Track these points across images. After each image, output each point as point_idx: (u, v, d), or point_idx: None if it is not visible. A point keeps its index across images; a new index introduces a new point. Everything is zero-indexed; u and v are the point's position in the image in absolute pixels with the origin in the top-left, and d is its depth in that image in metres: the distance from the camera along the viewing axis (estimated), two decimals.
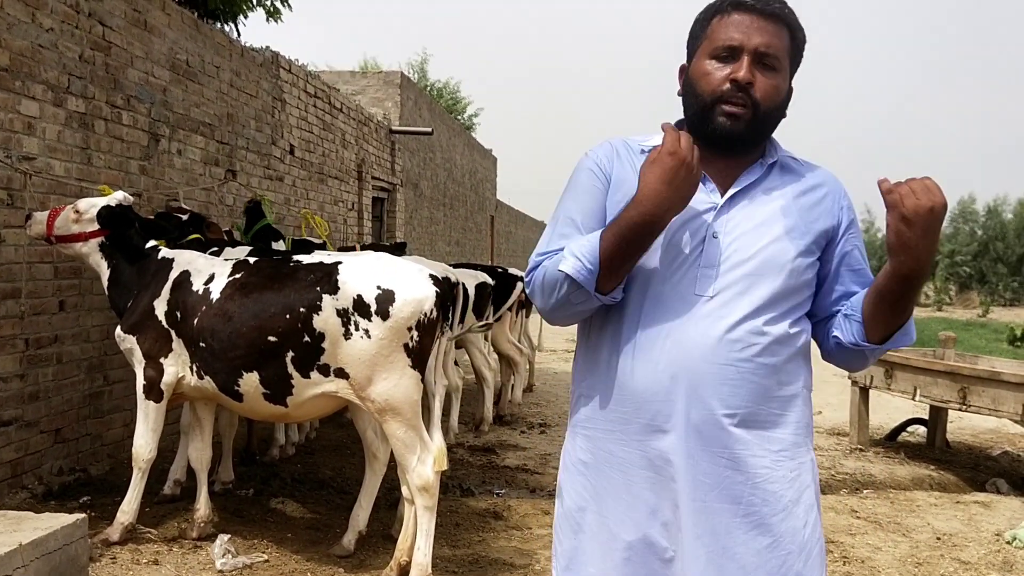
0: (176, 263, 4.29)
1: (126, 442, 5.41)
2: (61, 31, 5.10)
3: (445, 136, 17.33)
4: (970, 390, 6.38)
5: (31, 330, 4.92)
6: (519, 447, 7.13)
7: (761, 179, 1.82)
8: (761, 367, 1.73)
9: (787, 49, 1.79)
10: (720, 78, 1.75)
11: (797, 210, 1.80)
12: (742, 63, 1.73)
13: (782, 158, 1.86)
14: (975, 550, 4.73)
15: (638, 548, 1.77)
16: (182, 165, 6.56)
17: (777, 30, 1.77)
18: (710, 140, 1.78)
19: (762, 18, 1.76)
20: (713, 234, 1.76)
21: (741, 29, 1.75)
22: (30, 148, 4.86)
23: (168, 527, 4.41)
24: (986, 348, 16.60)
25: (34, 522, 3.65)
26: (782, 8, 1.78)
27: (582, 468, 1.86)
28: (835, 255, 1.85)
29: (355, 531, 4.26)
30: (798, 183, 1.84)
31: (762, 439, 1.73)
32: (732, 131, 1.75)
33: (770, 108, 1.77)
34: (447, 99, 28.57)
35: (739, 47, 1.74)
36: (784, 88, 1.80)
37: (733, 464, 1.71)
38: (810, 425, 1.83)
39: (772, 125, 1.82)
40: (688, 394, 1.71)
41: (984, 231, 47.01)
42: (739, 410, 1.71)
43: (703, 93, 1.77)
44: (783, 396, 1.76)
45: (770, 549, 1.71)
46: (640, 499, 1.77)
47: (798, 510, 1.74)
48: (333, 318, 3.79)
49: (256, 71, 7.95)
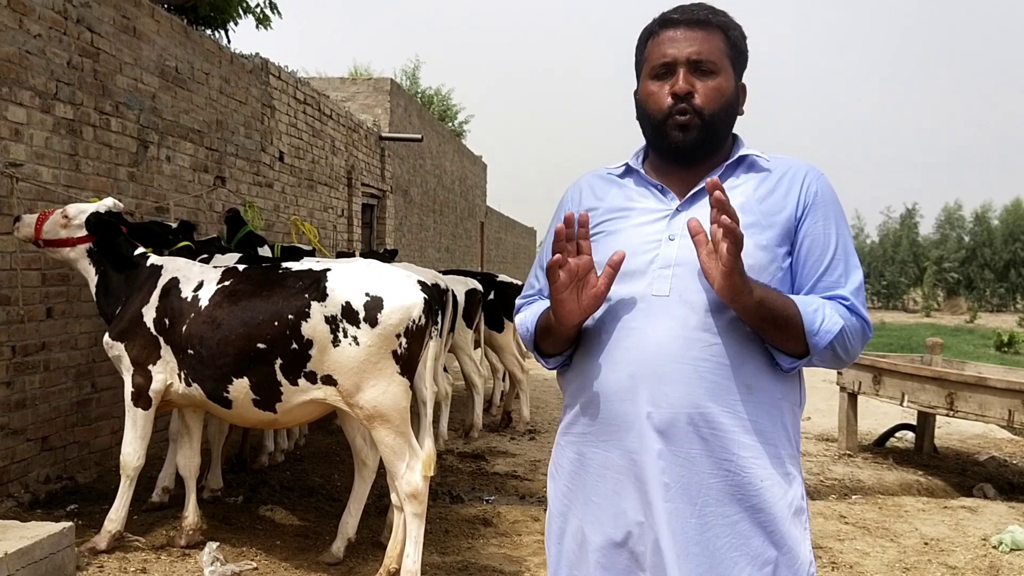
0: (165, 270, 4.28)
1: (114, 450, 5.39)
2: (49, 37, 5.09)
3: (435, 142, 17.34)
4: (957, 396, 6.41)
5: (18, 337, 4.89)
6: (509, 454, 7.13)
7: (721, 179, 1.83)
8: (720, 366, 1.73)
9: (723, 50, 1.83)
10: (663, 95, 1.82)
11: (757, 205, 1.81)
12: (679, 76, 1.80)
13: (748, 155, 1.88)
14: (962, 555, 4.75)
15: (611, 551, 1.80)
16: (171, 172, 6.54)
17: (707, 36, 1.82)
18: (669, 155, 1.86)
19: (690, 28, 1.82)
20: (669, 236, 1.80)
21: (672, 44, 1.82)
22: (17, 155, 4.85)
23: (156, 535, 4.39)
24: (973, 354, 16.69)
25: (20, 531, 3.63)
26: (708, 14, 1.83)
27: (563, 474, 1.91)
28: (801, 245, 1.82)
29: (344, 538, 4.25)
30: (761, 178, 1.85)
31: (725, 442, 1.72)
32: (685, 142, 1.81)
33: (716, 111, 1.81)
34: (438, 106, 28.59)
35: (672, 61, 1.81)
36: (728, 88, 1.83)
37: (691, 464, 1.72)
38: (790, 437, 1.80)
39: (725, 126, 1.86)
40: (647, 393, 1.74)
41: (972, 237, 47.32)
42: (697, 409, 1.71)
43: (652, 113, 1.84)
44: (753, 402, 1.74)
45: (727, 549, 1.72)
46: (612, 501, 1.80)
47: (761, 518, 1.73)
48: (321, 325, 3.79)
49: (245, 78, 7.94)
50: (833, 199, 1.85)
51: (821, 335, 1.72)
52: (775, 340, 1.75)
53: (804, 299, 1.75)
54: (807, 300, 1.75)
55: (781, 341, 1.74)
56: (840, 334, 1.73)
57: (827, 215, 1.82)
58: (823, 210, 1.82)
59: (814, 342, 1.73)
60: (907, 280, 46.55)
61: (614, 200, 1.91)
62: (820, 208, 1.82)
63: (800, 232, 1.81)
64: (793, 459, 1.79)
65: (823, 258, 1.80)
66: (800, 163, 1.89)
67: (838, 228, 1.83)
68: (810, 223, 1.81)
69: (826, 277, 1.80)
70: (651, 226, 1.83)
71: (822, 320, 1.72)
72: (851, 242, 1.86)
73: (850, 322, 1.76)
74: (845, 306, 1.77)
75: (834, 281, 1.80)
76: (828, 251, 1.81)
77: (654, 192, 1.88)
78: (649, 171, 1.91)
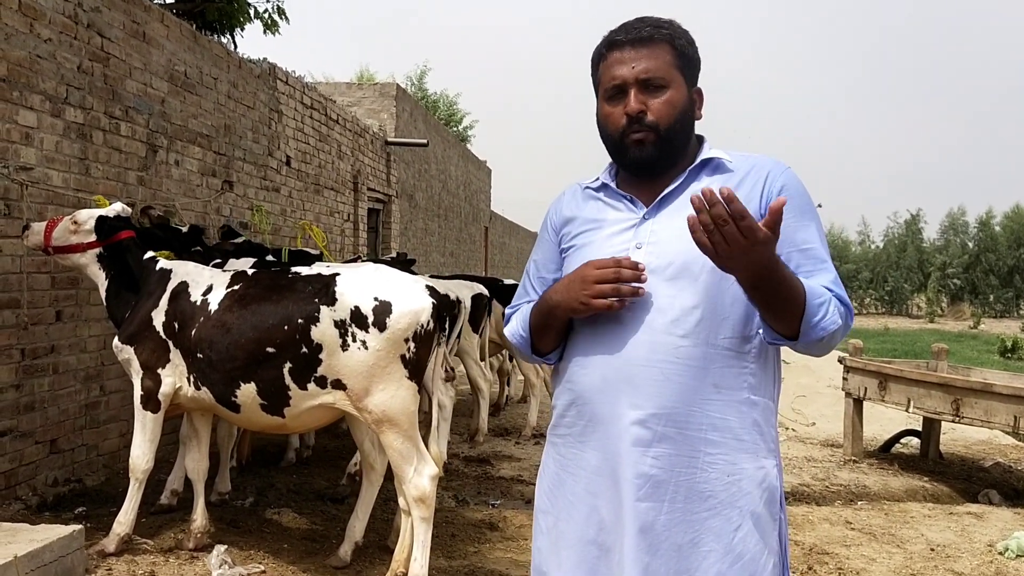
0: (174, 274, 4.30)
1: (122, 453, 5.41)
2: (59, 42, 5.12)
3: (440, 147, 17.38)
4: (963, 402, 6.41)
5: (27, 340, 4.92)
6: (514, 458, 7.14)
7: (685, 183, 1.88)
8: (688, 368, 1.78)
9: (671, 63, 1.86)
10: (618, 115, 1.88)
11: None
12: (630, 96, 1.85)
13: (713, 157, 1.90)
14: (968, 561, 4.75)
15: (583, 547, 1.87)
16: (179, 176, 6.57)
17: (652, 52, 1.86)
18: (631, 170, 1.93)
19: (635, 47, 1.87)
20: (636, 245, 1.86)
21: (620, 65, 1.87)
22: (28, 158, 4.88)
23: (165, 538, 4.41)
24: (977, 360, 16.67)
25: (29, 533, 3.65)
26: (652, 30, 1.87)
27: (547, 473, 2.01)
28: None
29: (351, 541, 4.26)
30: (725, 178, 1.87)
31: (693, 440, 1.77)
32: (644, 157, 1.87)
33: (670, 123, 1.85)
34: (443, 111, 28.64)
35: (622, 83, 1.86)
36: (679, 98, 1.86)
37: (661, 462, 1.78)
38: (763, 431, 1.82)
39: (682, 135, 1.89)
40: (619, 396, 1.82)
41: (975, 243, 47.24)
42: (665, 411, 1.77)
43: (610, 133, 1.91)
44: (720, 400, 1.79)
45: (693, 545, 1.77)
46: (586, 500, 1.88)
47: (730, 513, 1.78)
48: (330, 329, 3.80)
49: (253, 83, 7.98)
50: (799, 192, 1.86)
51: (817, 329, 1.72)
52: (770, 312, 1.74)
53: (813, 288, 1.74)
54: (816, 291, 1.74)
55: (775, 315, 1.73)
56: (835, 331, 1.75)
57: (793, 209, 1.79)
58: (793, 203, 1.79)
59: (808, 332, 1.72)
60: (911, 286, 46.50)
61: (589, 212, 1.98)
62: (790, 201, 1.76)
63: None
64: (768, 452, 1.83)
65: (794, 252, 1.81)
66: (765, 159, 1.91)
67: (807, 222, 1.84)
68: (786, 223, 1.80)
69: (803, 269, 1.80)
70: (620, 236, 1.90)
71: (824, 315, 1.72)
72: (821, 235, 1.87)
73: (845, 317, 1.76)
74: (834, 295, 1.77)
75: (812, 272, 1.80)
76: (797, 244, 1.82)
77: (624, 203, 1.94)
78: (621, 183, 1.97)
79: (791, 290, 1.70)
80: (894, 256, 47.28)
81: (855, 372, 7.58)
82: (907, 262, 46.49)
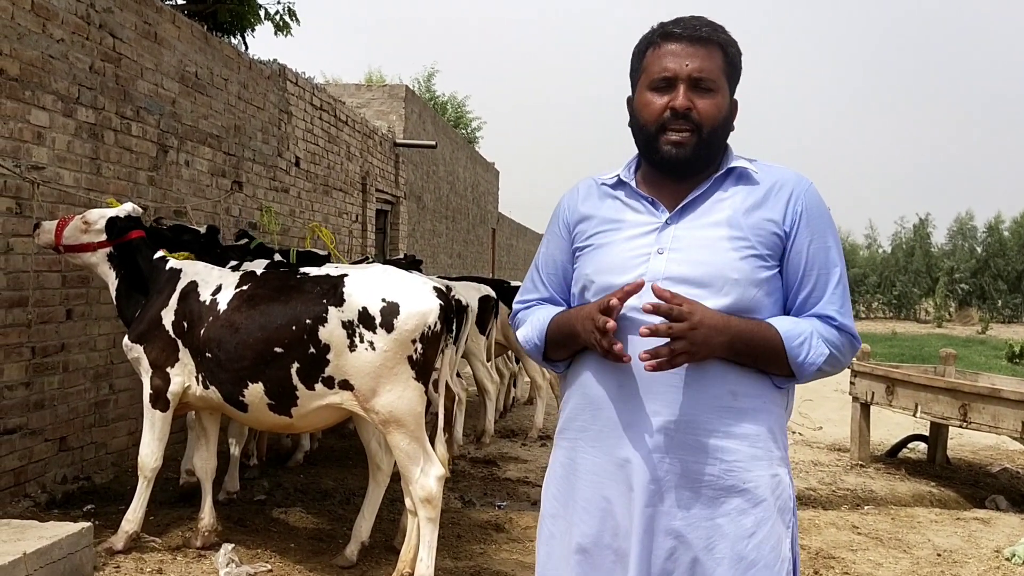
0: (184, 273, 4.32)
1: (131, 451, 5.44)
2: (71, 42, 5.15)
3: (448, 149, 17.41)
4: (971, 407, 6.40)
5: (38, 338, 4.95)
6: (520, 459, 7.14)
7: (709, 191, 1.87)
8: (705, 374, 1.77)
9: (721, 68, 1.85)
10: (659, 107, 1.83)
11: (744, 217, 1.83)
12: (678, 91, 1.82)
13: (738, 167, 1.89)
14: (975, 566, 4.74)
15: (597, 553, 1.85)
16: (190, 176, 6.61)
17: (708, 53, 1.83)
18: (660, 167, 1.89)
19: (691, 44, 1.83)
20: (658, 250, 1.83)
21: (673, 59, 1.83)
22: (39, 158, 4.91)
23: (172, 536, 4.43)
24: (985, 365, 16.61)
25: (38, 531, 3.67)
26: (711, 31, 1.85)
27: (555, 477, 1.99)
28: (789, 259, 1.84)
29: (358, 541, 4.27)
30: (749, 189, 1.86)
31: (709, 447, 1.77)
32: (678, 157, 1.83)
33: (713, 128, 1.83)
34: (452, 113, 28.68)
35: (673, 77, 1.82)
36: (724, 105, 1.85)
37: (676, 468, 1.78)
38: (777, 439, 1.84)
39: (718, 143, 1.87)
40: (635, 402, 1.81)
41: (984, 248, 47.05)
42: (683, 417, 1.77)
43: (647, 123, 1.86)
44: (737, 407, 1.79)
45: (707, 552, 1.77)
46: (599, 505, 1.86)
47: (744, 520, 1.77)
48: (338, 330, 3.82)
49: (263, 84, 8.01)
50: (821, 213, 1.86)
51: (807, 366, 1.79)
52: (760, 366, 1.81)
53: (791, 331, 1.79)
54: (793, 332, 1.79)
55: (767, 369, 1.81)
56: (827, 360, 1.80)
57: (815, 231, 1.84)
58: (811, 226, 1.84)
59: (800, 371, 1.81)
60: (919, 290, 46.35)
61: (607, 212, 1.95)
62: (808, 224, 1.84)
63: (789, 248, 1.84)
64: (780, 460, 1.84)
65: (810, 275, 1.84)
66: (789, 174, 1.90)
67: (826, 244, 1.85)
68: (799, 240, 1.83)
69: (814, 294, 1.84)
70: (641, 239, 1.87)
71: (807, 352, 1.78)
72: (838, 256, 1.88)
73: (838, 344, 1.82)
74: (833, 325, 1.82)
75: (821, 298, 1.83)
76: (814, 268, 1.84)
77: (645, 204, 1.91)
78: (640, 183, 1.94)
79: (767, 342, 1.77)
80: (902, 261, 47.14)
81: (862, 376, 7.56)
82: (915, 266, 46.36)
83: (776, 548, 1.79)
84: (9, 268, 4.72)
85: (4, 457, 4.69)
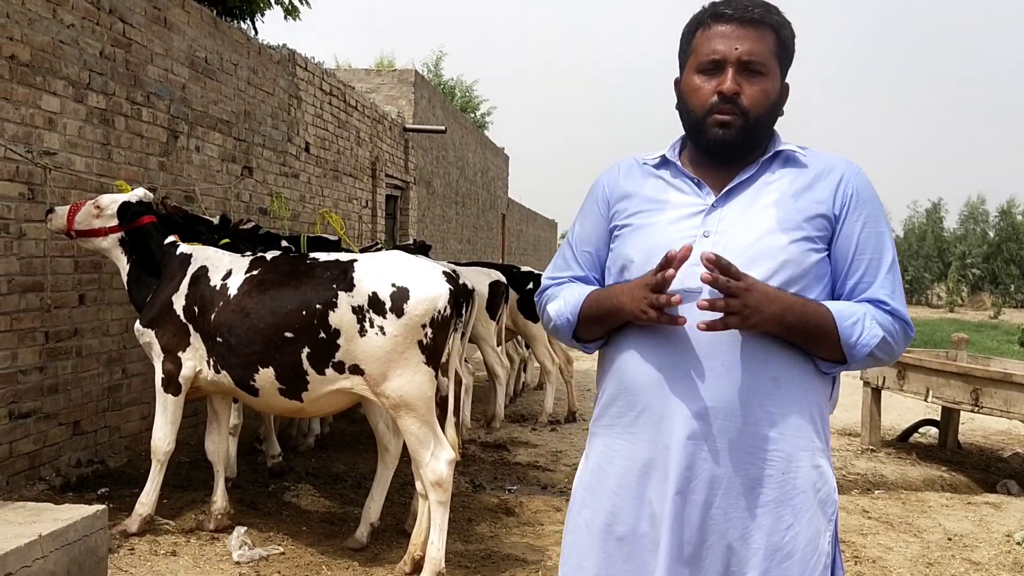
0: (195, 258, 4.34)
1: (144, 434, 5.48)
2: (82, 27, 5.16)
3: (458, 134, 17.37)
4: (982, 392, 6.38)
5: (51, 323, 4.98)
6: (530, 444, 7.17)
7: (757, 174, 1.83)
8: (749, 361, 1.73)
9: (772, 51, 1.80)
10: (708, 91, 1.79)
11: (792, 200, 1.79)
12: (727, 75, 1.77)
13: (785, 150, 1.85)
14: (986, 551, 4.74)
15: (633, 540, 1.81)
16: (200, 162, 6.62)
17: (759, 35, 1.79)
18: (707, 151, 1.84)
19: (742, 26, 1.78)
20: (704, 233, 1.79)
21: (723, 40, 1.78)
22: (51, 143, 4.92)
23: (186, 519, 4.47)
24: (997, 350, 16.53)
25: (53, 513, 3.70)
26: (763, 12, 1.79)
27: (589, 465, 1.93)
28: (838, 243, 1.80)
29: (368, 523, 4.31)
30: (797, 173, 1.83)
31: (749, 436, 1.73)
32: (725, 140, 1.79)
33: (760, 113, 1.79)
34: (461, 98, 28.60)
35: (722, 59, 1.78)
36: (773, 90, 1.81)
37: (717, 457, 1.73)
38: (819, 430, 1.79)
39: (765, 128, 1.84)
40: (674, 388, 1.76)
41: (996, 233, 46.71)
42: (722, 404, 1.72)
43: (694, 108, 1.82)
44: (780, 395, 1.74)
45: (743, 541, 1.74)
46: (636, 492, 1.81)
47: (783, 511, 1.74)
48: (348, 315, 3.83)
49: (273, 69, 8.00)
50: (871, 196, 1.82)
51: (859, 348, 1.74)
52: (811, 347, 1.76)
53: (843, 310, 1.74)
54: (845, 312, 1.74)
55: (816, 350, 1.76)
56: (880, 344, 1.74)
57: (865, 215, 1.80)
58: (861, 210, 1.80)
59: (851, 354, 1.75)
60: (931, 275, 46.09)
61: (649, 191, 1.90)
62: (858, 208, 1.80)
63: (838, 232, 1.80)
64: (822, 452, 1.79)
65: (861, 259, 1.79)
66: (838, 159, 1.86)
67: (876, 228, 1.81)
68: (848, 224, 1.80)
69: (865, 278, 1.79)
70: (686, 221, 1.82)
71: (860, 333, 1.73)
72: (889, 241, 1.83)
73: (891, 329, 1.76)
74: (885, 310, 1.77)
75: (872, 283, 1.79)
76: (866, 252, 1.79)
77: (690, 184, 1.86)
78: (685, 163, 1.89)
79: (819, 318, 1.72)
80: (915, 246, 46.86)
81: None
82: (927, 251, 46.07)
83: (814, 541, 1.75)
84: (22, 253, 4.75)
85: (19, 441, 4.73)
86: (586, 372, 10.51)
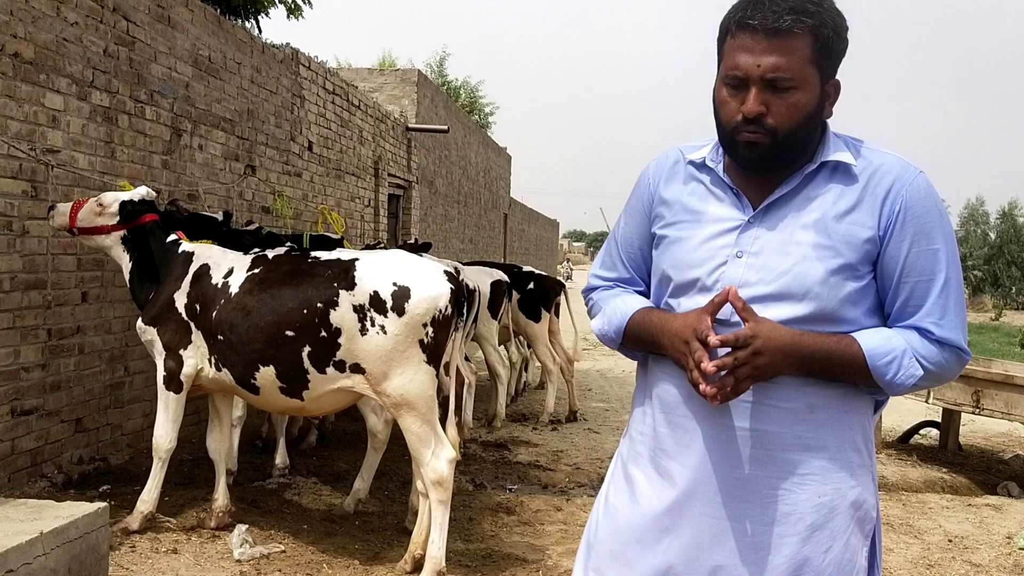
0: (196, 256, 4.35)
1: (146, 432, 5.48)
2: (86, 25, 5.17)
3: (460, 134, 17.38)
4: (983, 393, 6.38)
5: (54, 320, 4.99)
6: (531, 443, 7.17)
7: (799, 188, 1.72)
8: (781, 387, 1.67)
9: (807, 58, 1.64)
10: (734, 108, 1.68)
11: (835, 223, 1.68)
12: (750, 94, 1.65)
13: (836, 158, 1.71)
14: (986, 553, 4.74)
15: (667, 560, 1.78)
16: (203, 160, 6.63)
17: (787, 45, 1.63)
18: (739, 166, 1.76)
19: (768, 37, 1.63)
20: (737, 253, 1.72)
21: (746, 55, 1.65)
22: (54, 141, 4.93)
23: (187, 517, 4.48)
24: (998, 352, 16.52)
25: (55, 510, 3.71)
26: (793, 21, 1.62)
27: (619, 463, 1.92)
28: (884, 264, 1.69)
29: (355, 498, 4.76)
30: (843, 188, 1.70)
31: (782, 461, 1.68)
32: (753, 158, 1.69)
33: (791, 129, 1.66)
34: (464, 98, 28.61)
35: (745, 77, 1.65)
36: (808, 100, 1.66)
37: (747, 484, 1.69)
38: (860, 448, 1.73)
39: (801, 140, 1.70)
40: (706, 412, 1.71)
41: (997, 235, 46.68)
42: (756, 428, 1.68)
43: (722, 123, 1.73)
44: (814, 420, 1.68)
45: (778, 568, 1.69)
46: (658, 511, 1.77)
47: (820, 536, 1.69)
48: (350, 314, 3.84)
49: (276, 68, 8.01)
50: (926, 209, 1.68)
51: (896, 386, 1.67)
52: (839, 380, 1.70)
53: (878, 349, 1.65)
54: (881, 350, 1.65)
55: (852, 382, 1.70)
56: (921, 379, 1.67)
57: (913, 232, 1.67)
58: (910, 227, 1.67)
59: (889, 390, 1.69)
60: None
61: (688, 199, 1.82)
62: (906, 225, 1.67)
63: (883, 253, 1.68)
64: (863, 468, 1.74)
65: (906, 283, 1.68)
66: (893, 163, 1.71)
67: (928, 246, 1.67)
68: (893, 244, 1.67)
69: (912, 302, 1.69)
70: (720, 239, 1.75)
71: (896, 372, 1.65)
72: (943, 258, 1.68)
73: (937, 361, 1.67)
74: (932, 339, 1.67)
75: (920, 307, 1.68)
76: (912, 275, 1.68)
77: (729, 196, 1.77)
78: (728, 168, 1.79)
79: (847, 359, 1.65)
80: None
81: None
82: None
83: (852, 560, 1.70)
84: (25, 251, 4.75)
85: (21, 438, 4.74)
86: (587, 372, 10.51)
